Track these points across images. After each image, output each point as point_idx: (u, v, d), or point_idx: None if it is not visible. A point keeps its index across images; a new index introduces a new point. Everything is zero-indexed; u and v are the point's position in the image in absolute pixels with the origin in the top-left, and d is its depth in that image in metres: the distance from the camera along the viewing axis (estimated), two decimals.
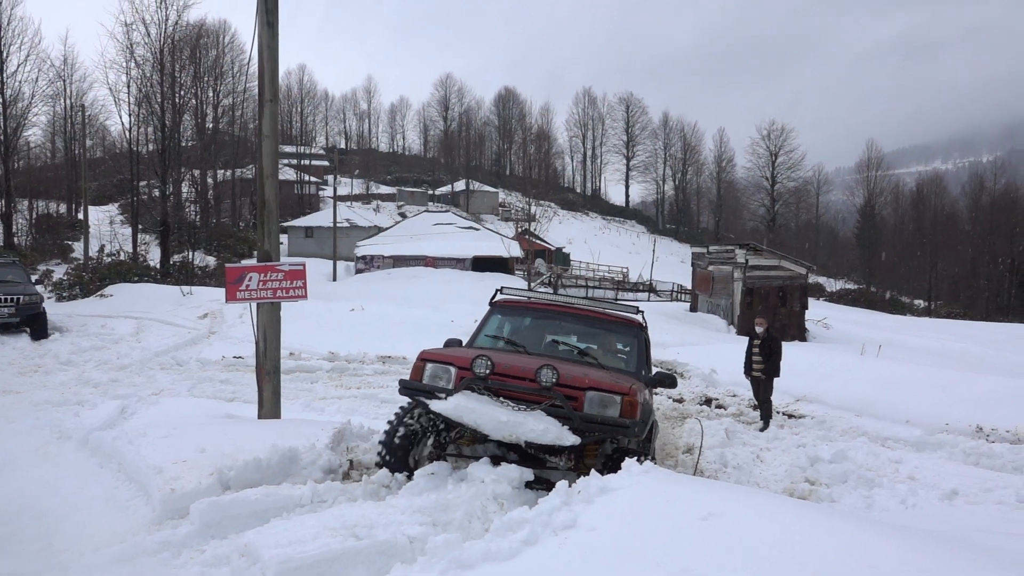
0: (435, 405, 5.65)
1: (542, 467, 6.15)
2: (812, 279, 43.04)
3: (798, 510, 4.61)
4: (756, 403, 11.37)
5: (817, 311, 32.99)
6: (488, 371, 5.77)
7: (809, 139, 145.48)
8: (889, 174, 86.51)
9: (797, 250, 51.82)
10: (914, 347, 23.21)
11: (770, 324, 11.78)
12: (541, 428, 5.35)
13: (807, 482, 8.11)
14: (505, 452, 6.24)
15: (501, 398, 5.64)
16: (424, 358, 6.20)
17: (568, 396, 5.65)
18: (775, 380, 11.10)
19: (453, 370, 6.01)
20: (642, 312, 7.83)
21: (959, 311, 53.25)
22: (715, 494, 4.58)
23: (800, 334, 27.18)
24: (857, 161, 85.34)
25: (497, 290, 8.19)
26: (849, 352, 18.94)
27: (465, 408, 5.51)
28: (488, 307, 8.04)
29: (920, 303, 60.13)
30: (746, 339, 11.85)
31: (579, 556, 3.69)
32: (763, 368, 11.00)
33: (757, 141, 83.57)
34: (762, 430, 10.62)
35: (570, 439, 5.37)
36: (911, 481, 8.24)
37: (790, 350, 12.88)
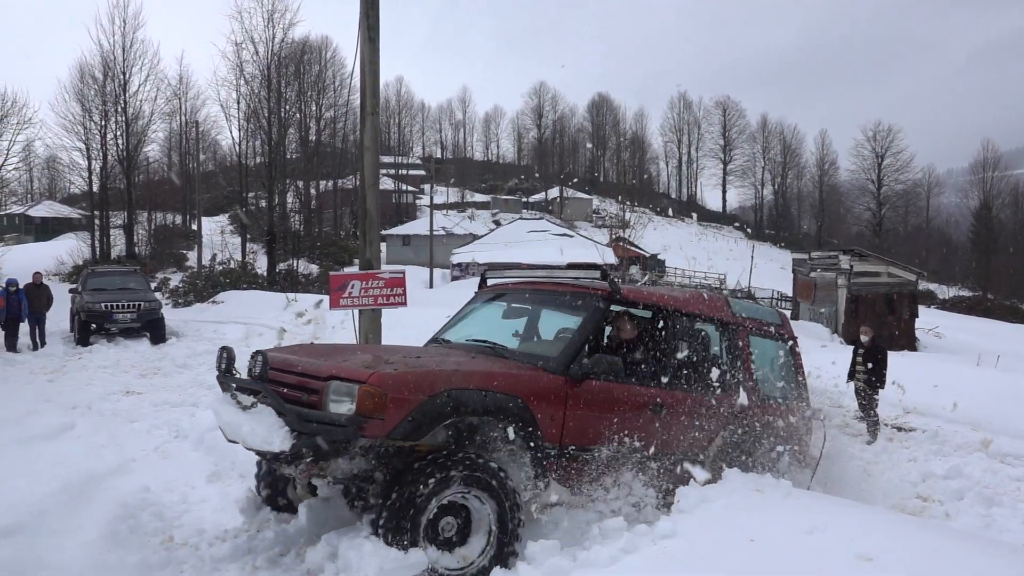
0: None
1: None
2: (922, 286, 41.05)
3: (909, 526, 4.43)
4: (861, 415, 10.95)
5: (928, 319, 31.44)
6: (224, 364, 5.02)
7: (918, 140, 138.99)
8: (1007, 175, 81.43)
9: (906, 255, 49.53)
10: None
11: (876, 333, 11.33)
12: (249, 429, 4.32)
13: (919, 498, 7.74)
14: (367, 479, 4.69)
15: (252, 396, 4.67)
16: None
17: (311, 389, 4.47)
18: (881, 391, 10.67)
19: None
20: (612, 277, 5.61)
21: None
22: (819, 507, 4.45)
23: (910, 343, 25.97)
24: (971, 162, 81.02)
25: (482, 276, 6.95)
26: (964, 363, 17.97)
27: (215, 409, 4.85)
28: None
29: None
30: (851, 348, 11.44)
31: (679, 565, 3.66)
32: (868, 378, 10.59)
33: (862, 143, 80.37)
34: (869, 443, 10.22)
35: (278, 443, 4.15)
36: None
37: (898, 360, 12.33)
